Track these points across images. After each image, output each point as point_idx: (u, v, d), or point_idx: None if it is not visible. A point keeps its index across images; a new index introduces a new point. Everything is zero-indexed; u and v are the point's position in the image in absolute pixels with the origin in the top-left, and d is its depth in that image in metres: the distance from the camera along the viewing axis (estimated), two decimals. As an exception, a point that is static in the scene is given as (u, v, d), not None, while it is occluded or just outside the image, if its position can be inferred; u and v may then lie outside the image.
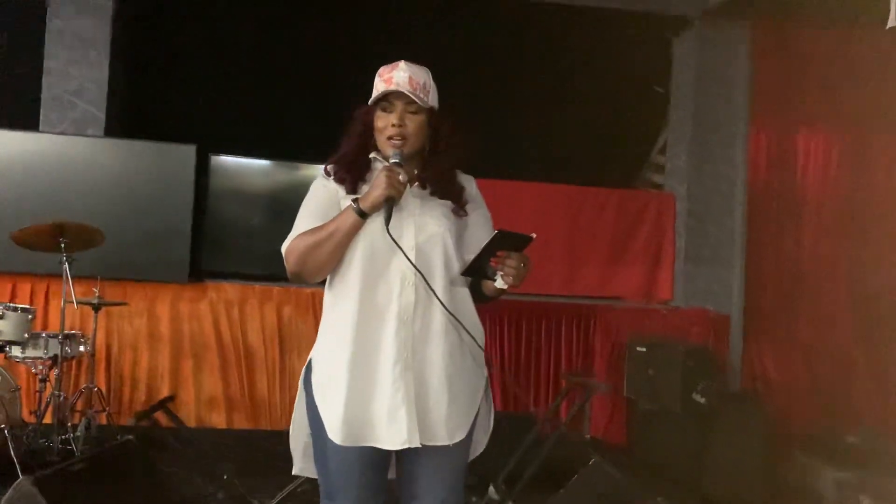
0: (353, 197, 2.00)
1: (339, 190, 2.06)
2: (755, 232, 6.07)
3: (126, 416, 5.12)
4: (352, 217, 1.96)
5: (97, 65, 5.45)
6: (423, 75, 2.07)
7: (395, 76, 2.02)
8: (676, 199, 6.24)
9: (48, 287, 5.07)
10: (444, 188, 2.10)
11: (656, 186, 6.57)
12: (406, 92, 2.00)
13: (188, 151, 5.36)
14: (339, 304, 2.04)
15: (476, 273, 1.99)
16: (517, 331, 5.69)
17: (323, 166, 2.12)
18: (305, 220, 2.04)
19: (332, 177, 2.08)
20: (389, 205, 1.94)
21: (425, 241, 2.02)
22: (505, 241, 1.92)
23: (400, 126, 2.02)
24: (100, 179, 5.22)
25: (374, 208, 1.96)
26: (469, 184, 2.18)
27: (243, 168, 5.77)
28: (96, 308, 4.63)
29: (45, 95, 5.39)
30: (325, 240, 1.97)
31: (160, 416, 3.50)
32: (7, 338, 4.14)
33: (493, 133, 6.42)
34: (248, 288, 5.43)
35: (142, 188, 5.28)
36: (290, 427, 2.14)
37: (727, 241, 6.11)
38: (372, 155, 2.10)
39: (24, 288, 5.13)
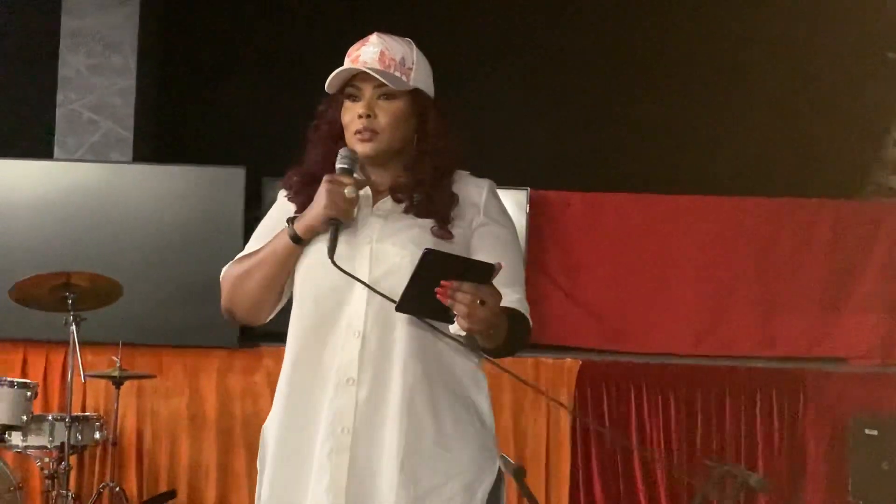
0: (291, 216, 2.08)
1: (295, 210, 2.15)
2: None
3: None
4: (284, 241, 2.05)
5: (123, 72, 5.88)
6: (401, 49, 2.11)
7: (363, 53, 2.08)
8: (924, 212, 5.93)
9: (64, 357, 5.42)
10: (425, 200, 2.10)
11: (893, 193, 6.29)
12: (370, 71, 2.04)
13: (236, 175, 5.62)
14: (284, 359, 2.14)
15: (419, 311, 1.96)
16: (689, 406, 5.53)
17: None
18: (251, 244, 2.18)
19: (287, 194, 2.18)
20: (333, 228, 1.99)
21: (383, 276, 2.03)
22: (450, 267, 1.89)
23: (367, 116, 2.06)
24: (125, 216, 5.57)
25: (311, 232, 2.03)
26: (476, 191, 2.15)
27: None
28: (117, 383, 4.92)
29: (59, 113, 5.84)
30: (255, 267, 2.09)
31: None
32: (1, 421, 4.46)
33: (653, 134, 6.40)
34: (316, 353, 5.57)
35: (178, 226, 5.58)
36: None
37: None
38: (331, 175, 2.11)
39: (37, 359, 5.51)
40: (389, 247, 2.05)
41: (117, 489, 4.96)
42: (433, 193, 2.10)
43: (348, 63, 2.09)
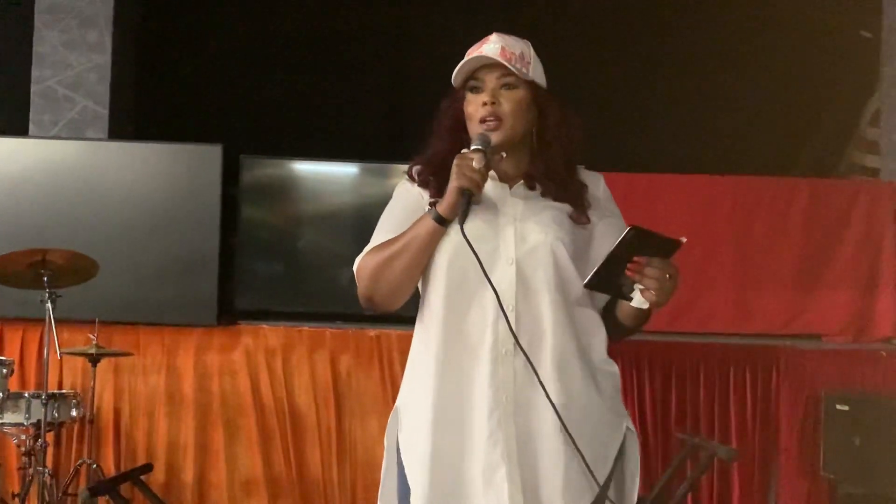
0: (432, 200, 2.19)
1: (424, 195, 2.27)
2: None
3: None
4: (428, 223, 2.14)
5: (98, 48, 5.85)
6: (519, 45, 2.25)
7: (484, 49, 2.22)
8: (898, 190, 5.99)
9: (40, 335, 5.42)
10: (559, 187, 2.25)
11: (867, 172, 6.34)
12: (497, 59, 2.17)
13: (213, 153, 5.61)
14: (424, 336, 2.23)
15: (604, 286, 2.08)
16: (664, 384, 5.58)
17: (406, 167, 2.33)
18: (382, 232, 2.27)
19: (417, 180, 2.29)
20: (465, 199, 2.09)
21: (528, 253, 2.16)
22: (643, 244, 2.01)
23: (492, 104, 2.19)
24: (101, 194, 5.56)
25: (453, 209, 2.11)
26: (594, 183, 2.33)
27: (286, 173, 5.98)
28: (94, 360, 4.93)
29: (35, 89, 5.82)
30: (399, 253, 2.17)
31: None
32: (-23, 398, 4.47)
33: (631, 113, 6.43)
34: (295, 331, 5.58)
35: (154, 203, 5.57)
36: (379, 498, 2.31)
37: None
38: (464, 151, 2.22)
39: (13, 337, 5.50)
40: (533, 225, 2.19)
41: (94, 466, 4.98)
42: (567, 180, 2.25)
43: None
